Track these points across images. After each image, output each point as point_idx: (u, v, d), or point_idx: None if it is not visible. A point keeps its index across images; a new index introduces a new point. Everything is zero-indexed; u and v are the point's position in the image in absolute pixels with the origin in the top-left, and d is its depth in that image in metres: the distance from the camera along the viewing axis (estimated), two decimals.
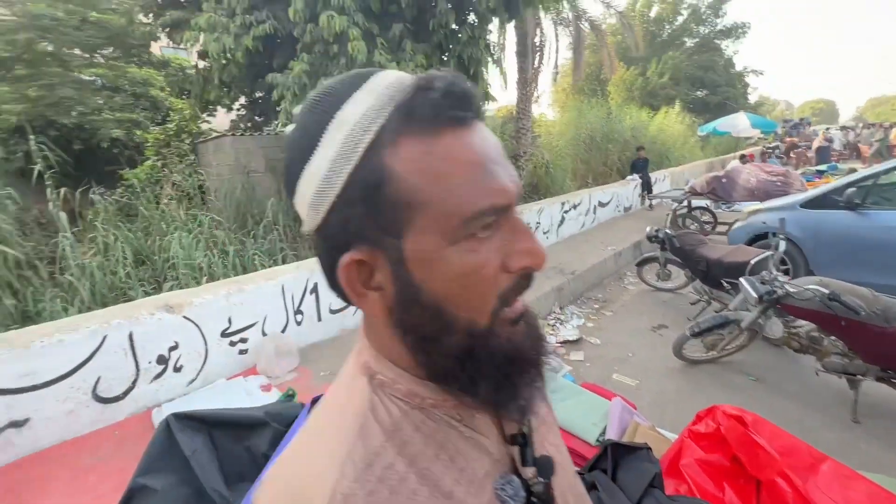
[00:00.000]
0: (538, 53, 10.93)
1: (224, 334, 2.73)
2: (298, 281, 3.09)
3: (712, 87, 22.15)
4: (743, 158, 11.64)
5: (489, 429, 0.42)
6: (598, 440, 2.20)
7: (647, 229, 4.34)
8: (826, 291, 2.33)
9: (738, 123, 12.41)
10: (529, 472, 0.42)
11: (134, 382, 2.38)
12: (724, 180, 6.44)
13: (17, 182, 5.36)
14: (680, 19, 22.97)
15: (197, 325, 2.60)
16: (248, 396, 2.51)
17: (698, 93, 22.26)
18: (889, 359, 2.33)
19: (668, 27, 23.10)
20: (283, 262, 4.93)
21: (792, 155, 15.35)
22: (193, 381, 2.62)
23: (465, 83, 0.36)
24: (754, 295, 2.59)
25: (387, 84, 0.35)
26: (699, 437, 1.92)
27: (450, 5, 5.06)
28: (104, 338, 2.25)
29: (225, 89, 6.65)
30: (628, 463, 1.85)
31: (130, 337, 2.34)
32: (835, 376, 2.61)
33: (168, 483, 1.70)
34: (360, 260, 0.35)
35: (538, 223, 5.53)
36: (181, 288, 3.52)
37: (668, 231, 4.06)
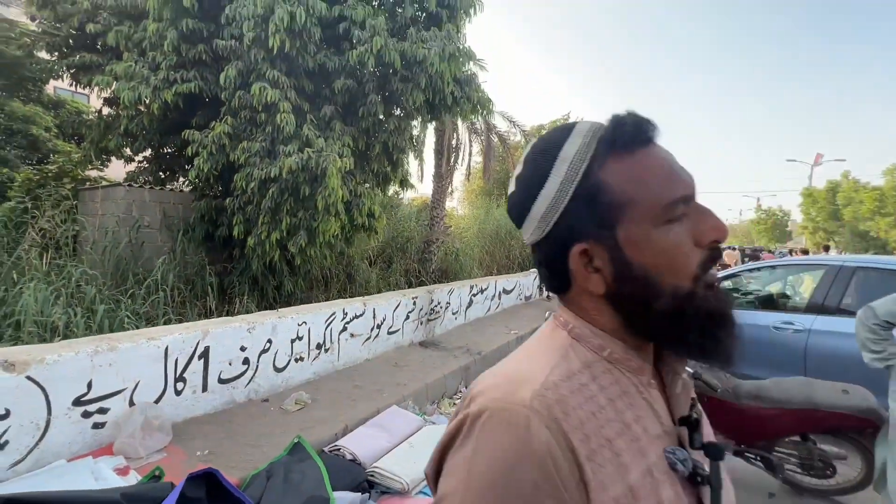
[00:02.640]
0: (454, 153, 12.10)
1: (79, 402, 2.26)
2: (187, 343, 2.75)
3: None
4: None
5: (660, 404, 0.50)
6: None
7: (546, 314, 4.71)
8: (690, 371, 2.71)
9: None
10: (696, 454, 0.47)
11: None
12: None
13: None
14: None
15: (42, 389, 2.13)
16: (97, 482, 2.04)
17: None
18: (740, 433, 2.70)
19: None
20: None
21: None
22: (20, 462, 2.07)
23: (643, 115, 0.49)
24: None
25: (587, 128, 0.50)
26: None
27: (380, 98, 5.55)
28: None
29: (129, 139, 6.23)
30: None
31: None
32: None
33: None
34: (585, 249, 0.48)
35: (448, 303, 5.69)
36: None
37: None
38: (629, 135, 0.48)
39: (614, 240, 0.47)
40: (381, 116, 5.66)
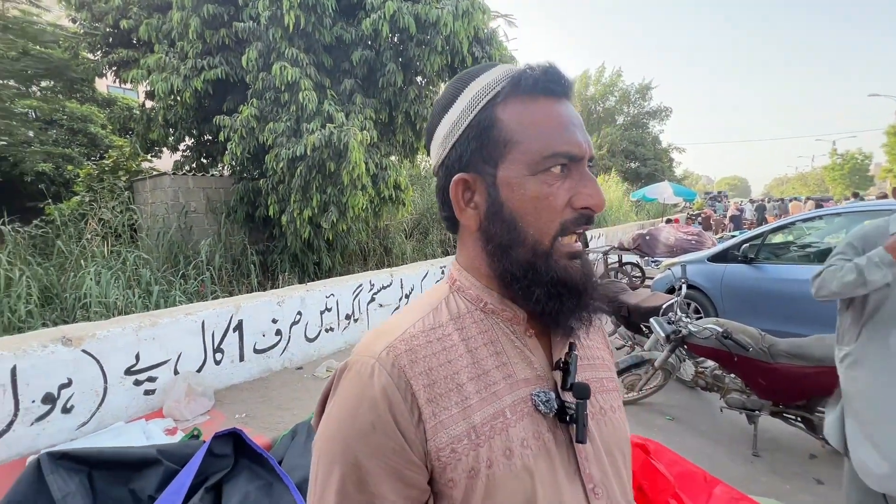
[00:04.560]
0: None
1: (129, 371, 2.52)
2: (221, 317, 2.96)
3: (643, 159, 24.59)
4: (669, 222, 12.75)
5: (538, 351, 0.52)
6: None
7: None
8: (720, 330, 2.56)
9: (664, 191, 13.74)
10: (568, 396, 0.49)
11: (9, 424, 2.11)
12: (647, 237, 7.02)
13: None
14: (612, 100, 25.82)
15: (97, 361, 2.39)
16: (148, 441, 2.29)
17: (631, 164, 24.60)
18: (777, 393, 2.55)
19: (600, 107, 25.86)
20: None
21: (711, 222, 17.11)
22: (85, 423, 2.36)
23: (561, 71, 0.49)
24: (662, 334, 2.79)
25: (505, 68, 0.51)
26: None
27: (398, 66, 5.45)
28: None
29: (170, 129, 6.57)
30: None
31: (13, 371, 2.11)
32: (737, 412, 2.80)
33: None
34: (466, 180, 0.50)
35: None
36: None
37: None
38: (534, 79, 0.48)
39: (494, 177, 0.49)
40: (402, 85, 5.58)
